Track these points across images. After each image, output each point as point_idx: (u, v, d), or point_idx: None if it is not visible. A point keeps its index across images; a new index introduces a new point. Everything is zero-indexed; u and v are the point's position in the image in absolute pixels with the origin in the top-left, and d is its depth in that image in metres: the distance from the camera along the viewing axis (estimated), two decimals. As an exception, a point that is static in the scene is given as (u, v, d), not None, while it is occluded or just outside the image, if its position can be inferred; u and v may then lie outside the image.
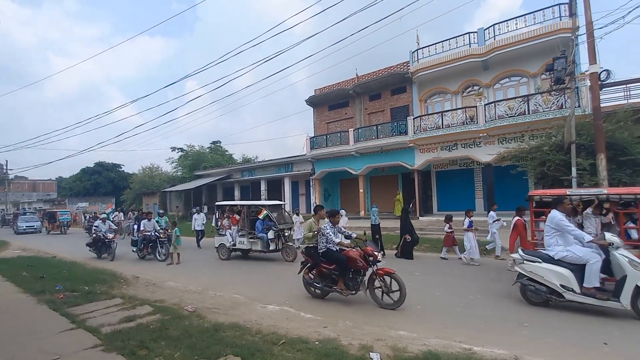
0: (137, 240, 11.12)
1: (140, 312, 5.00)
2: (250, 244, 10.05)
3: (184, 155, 33.44)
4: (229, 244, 10.38)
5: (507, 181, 15.12)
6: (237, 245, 10.31)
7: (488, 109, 14.11)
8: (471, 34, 15.86)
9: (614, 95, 11.84)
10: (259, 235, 9.79)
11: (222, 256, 10.50)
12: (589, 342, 3.89)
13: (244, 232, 10.45)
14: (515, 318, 4.70)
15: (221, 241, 10.61)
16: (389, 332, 4.24)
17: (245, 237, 10.23)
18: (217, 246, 10.69)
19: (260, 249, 9.78)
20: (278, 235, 9.74)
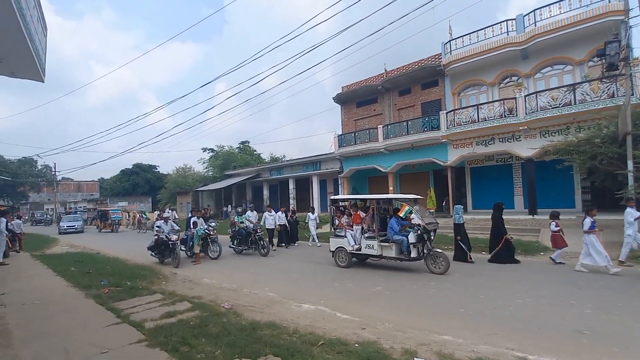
0: (186, 238, 10.63)
1: (180, 308, 5.11)
2: (381, 248, 7.94)
3: (214, 156, 34.43)
4: (351, 248, 8.42)
5: (550, 177, 14.18)
6: (363, 250, 8.31)
7: (529, 100, 13.25)
8: (509, 21, 14.96)
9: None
10: (396, 239, 7.69)
11: (341, 262, 8.61)
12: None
13: (372, 234, 8.37)
14: (573, 325, 4.31)
15: (339, 244, 8.72)
16: (432, 336, 4.02)
17: (374, 240, 8.09)
18: (333, 250, 8.87)
19: (396, 255, 7.71)
20: (421, 238, 7.58)
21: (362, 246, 8.32)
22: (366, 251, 8.25)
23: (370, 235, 8.36)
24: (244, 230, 11.18)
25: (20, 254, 12.00)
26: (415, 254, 7.53)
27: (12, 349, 3.75)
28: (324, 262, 9.35)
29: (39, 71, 5.64)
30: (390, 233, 7.83)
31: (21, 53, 4.90)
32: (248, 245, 11.08)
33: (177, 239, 9.83)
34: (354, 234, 8.62)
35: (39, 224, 38.24)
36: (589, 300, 5.23)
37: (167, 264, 9.76)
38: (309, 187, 23.37)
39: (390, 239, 7.77)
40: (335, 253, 8.80)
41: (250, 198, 28.57)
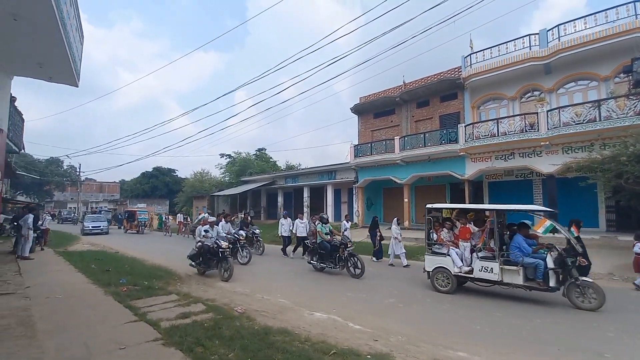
0: None
1: (195, 309, 5.20)
2: (502, 273, 6.30)
3: (231, 162, 35.07)
4: (457, 270, 6.84)
5: (573, 194, 13.73)
6: (475, 273, 6.64)
7: (551, 115, 12.97)
8: (531, 35, 14.79)
9: None
10: (529, 262, 6.10)
11: (442, 286, 7.00)
12: None
13: (488, 254, 6.77)
14: (594, 348, 4.14)
15: (439, 263, 7.10)
16: (447, 352, 3.94)
17: (493, 262, 6.43)
18: (430, 270, 7.23)
19: (524, 283, 6.12)
20: (563, 262, 5.99)
21: (474, 268, 6.68)
22: (481, 275, 6.55)
23: (486, 255, 6.72)
24: (329, 244, 9.01)
25: (45, 250, 12.47)
26: (554, 283, 5.93)
27: (37, 340, 3.91)
28: (337, 272, 9.31)
29: (74, 76, 5.98)
30: (516, 254, 6.27)
31: (60, 59, 5.22)
32: (334, 263, 8.83)
33: (228, 246, 8.52)
34: (460, 252, 7.09)
35: (66, 222, 39.41)
36: (611, 324, 5.01)
37: (209, 276, 8.55)
38: (324, 196, 23.39)
39: (520, 262, 6.13)
40: (433, 274, 7.20)
41: (265, 205, 28.83)
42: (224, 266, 8.14)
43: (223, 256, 8.21)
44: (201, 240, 8.76)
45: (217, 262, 8.34)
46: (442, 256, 7.17)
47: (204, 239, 8.76)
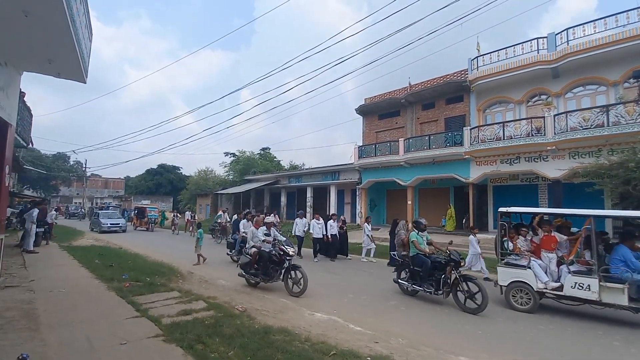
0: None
1: (196, 306, 5.22)
2: (601, 291, 5.26)
3: (235, 160, 35.18)
4: (542, 285, 5.83)
5: (578, 200, 13.55)
6: (566, 291, 5.59)
7: (558, 119, 12.85)
8: (539, 39, 14.67)
9: None
10: (638, 279, 5.11)
11: (521, 304, 6.00)
12: None
13: (581, 267, 5.73)
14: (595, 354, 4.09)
15: (517, 277, 6.08)
16: (448, 356, 3.92)
17: (590, 278, 5.37)
18: (505, 284, 6.23)
19: (628, 304, 5.07)
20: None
21: (564, 284, 5.62)
22: (574, 293, 5.47)
23: (579, 269, 5.68)
24: (429, 260, 6.46)
25: (50, 244, 12.60)
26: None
27: (40, 333, 3.95)
28: (339, 272, 9.29)
29: (82, 73, 6.02)
30: (621, 268, 5.29)
31: (69, 56, 5.27)
32: (435, 287, 6.30)
33: (294, 254, 7.41)
34: (544, 264, 6.11)
35: (73, 217, 39.41)
36: (617, 333, 4.95)
37: (262, 288, 7.16)
38: (327, 197, 23.37)
39: (629, 279, 5.11)
40: (509, 290, 6.17)
41: (268, 204, 28.88)
42: (294, 277, 6.67)
43: (290, 267, 6.79)
44: (257, 245, 7.24)
45: (282, 272, 6.88)
46: (521, 269, 6.09)
47: (263, 243, 7.22)
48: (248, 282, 7.42)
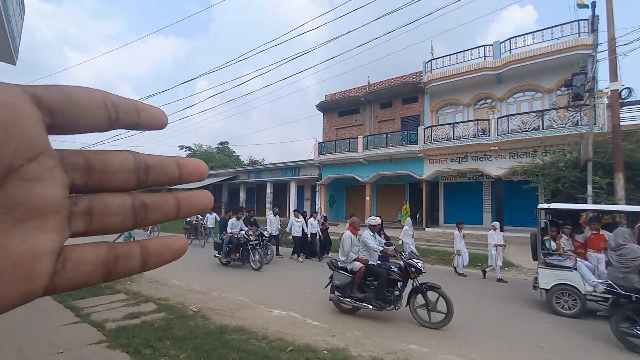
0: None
1: (145, 309, 4.92)
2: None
3: (191, 154, 33.67)
4: (590, 288, 5.38)
5: (517, 196, 14.90)
6: None
7: (501, 122, 13.95)
8: (486, 46, 15.76)
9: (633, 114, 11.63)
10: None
11: (566, 309, 5.55)
12: None
13: None
14: (532, 338, 4.53)
15: (562, 279, 5.61)
16: (400, 345, 4.10)
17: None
18: (548, 287, 5.71)
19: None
20: None
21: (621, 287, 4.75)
22: None
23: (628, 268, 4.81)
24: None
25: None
26: None
27: (-45, 347, 3.47)
28: (300, 268, 9.30)
29: (12, 54, 5.36)
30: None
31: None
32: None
33: None
34: (592, 266, 5.69)
35: None
36: (546, 317, 5.51)
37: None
38: (287, 192, 23.26)
39: None
40: (552, 293, 5.67)
41: (226, 200, 28.07)
42: (429, 302, 5.36)
43: (424, 285, 5.41)
44: (361, 258, 5.79)
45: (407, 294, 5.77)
46: (566, 270, 5.62)
47: (370, 254, 5.88)
48: (343, 309, 5.43)
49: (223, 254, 9.26)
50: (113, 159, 0.27)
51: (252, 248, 8.81)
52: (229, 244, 9.10)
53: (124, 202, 0.27)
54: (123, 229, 0.27)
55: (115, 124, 0.26)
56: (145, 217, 0.29)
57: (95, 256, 0.25)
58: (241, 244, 9.00)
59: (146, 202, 0.29)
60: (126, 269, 0.27)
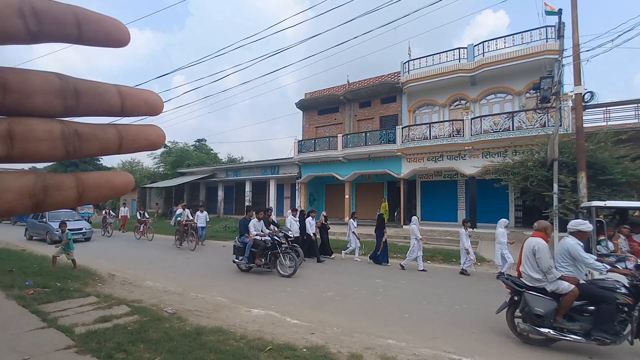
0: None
1: (117, 312, 4.75)
2: None
3: (167, 152, 32.55)
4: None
5: (489, 194, 15.51)
6: None
7: (474, 123, 14.44)
8: (461, 49, 16.26)
9: (594, 116, 12.38)
10: None
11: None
12: (577, 356, 3.95)
13: None
14: (504, 330, 4.74)
15: None
16: (378, 340, 4.18)
17: None
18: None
19: None
20: None
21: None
22: None
23: None
24: None
25: None
26: None
27: None
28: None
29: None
30: None
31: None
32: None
33: None
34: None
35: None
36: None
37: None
38: (266, 191, 23.06)
39: None
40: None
41: (204, 198, 27.47)
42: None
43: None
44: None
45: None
46: None
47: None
48: (532, 340, 4.29)
49: (245, 259, 8.18)
50: (34, 78, 0.24)
51: (283, 252, 7.98)
52: (253, 248, 8.09)
53: (51, 128, 0.25)
54: (51, 157, 0.25)
55: (39, 36, 0.23)
56: (79, 148, 0.27)
57: (21, 184, 0.23)
58: (268, 248, 7.98)
59: (80, 132, 0.26)
60: (57, 200, 0.25)
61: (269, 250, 7.99)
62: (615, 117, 12.35)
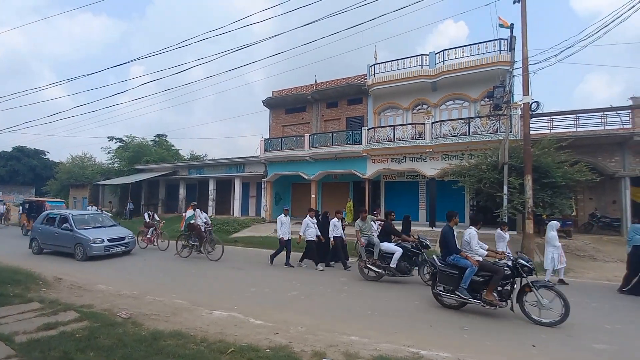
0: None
1: (64, 318, 4.40)
2: None
3: (123, 147, 30.58)
4: None
5: (448, 195, 16.35)
6: None
7: (435, 127, 15.15)
8: (423, 56, 16.96)
9: (539, 124, 13.49)
10: None
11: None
12: (520, 344, 4.29)
13: None
14: (457, 322, 5.02)
15: None
16: (342, 337, 4.25)
17: None
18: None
19: None
20: None
21: None
22: None
23: None
24: None
25: None
26: None
27: None
28: (244, 267, 9.08)
29: None
30: None
31: None
32: None
33: None
34: None
35: None
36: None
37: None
38: (231, 190, 22.51)
39: None
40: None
41: (164, 197, 26.22)
42: None
43: None
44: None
45: None
46: None
47: None
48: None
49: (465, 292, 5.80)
50: None
51: None
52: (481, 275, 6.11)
53: None
54: None
55: None
56: None
57: None
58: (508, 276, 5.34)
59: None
60: None
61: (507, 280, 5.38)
62: (558, 125, 13.55)
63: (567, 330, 4.75)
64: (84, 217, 11.57)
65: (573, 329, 4.80)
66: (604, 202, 14.77)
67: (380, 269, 7.50)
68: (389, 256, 7.43)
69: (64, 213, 11.43)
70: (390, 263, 7.31)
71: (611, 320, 5.25)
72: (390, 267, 7.31)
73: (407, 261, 7.40)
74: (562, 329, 4.78)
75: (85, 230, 10.48)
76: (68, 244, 10.36)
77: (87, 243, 9.89)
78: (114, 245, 10.37)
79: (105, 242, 10.16)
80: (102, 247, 10.02)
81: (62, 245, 10.60)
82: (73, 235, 10.27)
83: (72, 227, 10.44)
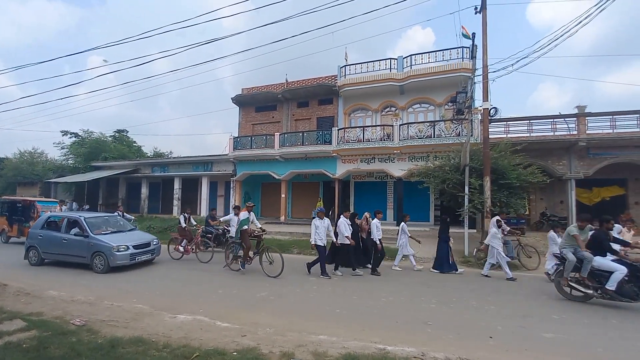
0: None
1: (9, 327, 4.05)
2: None
3: (79, 142, 28.54)
4: None
5: (414, 195, 16.92)
6: None
7: (402, 129, 15.63)
8: (392, 59, 17.44)
9: (497, 129, 14.34)
10: None
11: None
12: (479, 336, 4.53)
13: None
14: (421, 318, 5.21)
15: None
16: (310, 337, 4.26)
17: None
18: None
19: None
20: None
21: None
22: None
23: None
24: None
25: None
26: None
27: None
28: (209, 269, 8.81)
29: None
30: None
31: None
32: None
33: None
34: None
35: None
36: (435, 297, 6.41)
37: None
38: (198, 189, 21.79)
39: None
40: None
41: (124, 196, 24.82)
42: None
43: None
44: None
45: None
46: None
47: None
48: None
49: None
50: None
51: None
52: None
53: None
54: None
55: None
56: None
57: None
58: None
59: None
60: None
61: None
62: (513, 130, 14.48)
63: (520, 321, 5.09)
64: (99, 219, 9.83)
65: (525, 320, 5.16)
66: (553, 202, 16.03)
67: (589, 289, 6.10)
68: (603, 274, 5.96)
69: (72, 216, 9.56)
70: (607, 284, 5.80)
71: (558, 311, 5.70)
72: (608, 290, 5.79)
73: (634, 283, 5.74)
74: (515, 319, 5.13)
75: (104, 235, 8.87)
76: (82, 253, 8.66)
77: (109, 251, 8.30)
78: (139, 253, 8.94)
79: (131, 249, 8.67)
80: (127, 255, 8.51)
81: (73, 254, 8.87)
82: (89, 242, 8.62)
83: (87, 232, 8.78)
